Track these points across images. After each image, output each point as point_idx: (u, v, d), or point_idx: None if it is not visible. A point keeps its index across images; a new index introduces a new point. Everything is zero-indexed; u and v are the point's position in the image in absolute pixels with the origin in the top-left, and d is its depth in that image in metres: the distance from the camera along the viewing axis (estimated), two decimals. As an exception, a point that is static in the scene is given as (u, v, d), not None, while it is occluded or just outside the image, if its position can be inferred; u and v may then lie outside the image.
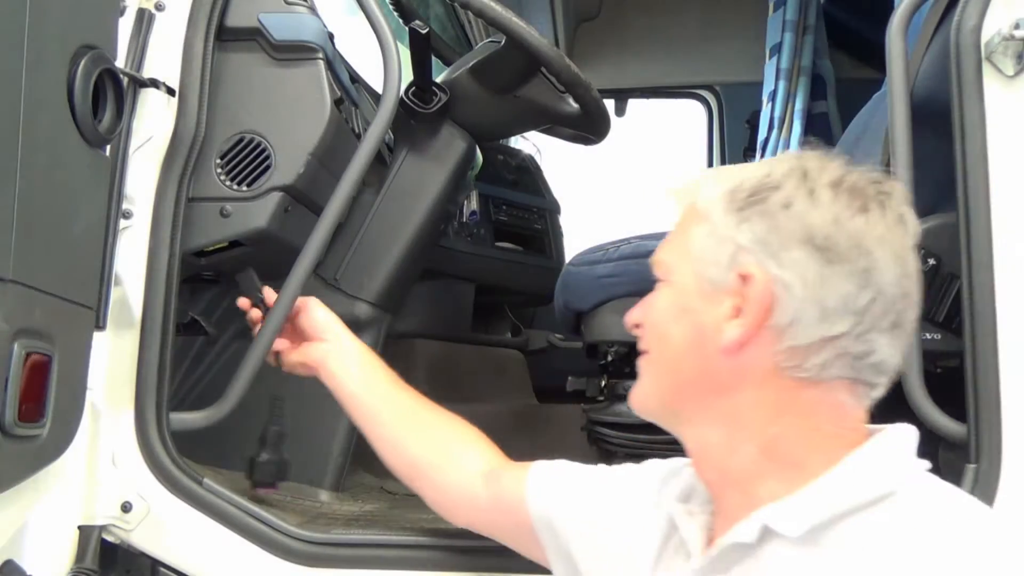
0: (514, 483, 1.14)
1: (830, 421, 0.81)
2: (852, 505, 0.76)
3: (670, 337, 0.85)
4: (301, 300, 1.37)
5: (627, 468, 1.08)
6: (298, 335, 1.37)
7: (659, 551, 0.92)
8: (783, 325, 0.79)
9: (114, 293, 1.28)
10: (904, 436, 0.83)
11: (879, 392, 0.84)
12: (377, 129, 1.42)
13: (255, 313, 1.40)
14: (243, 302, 1.40)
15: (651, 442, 1.64)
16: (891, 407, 1.42)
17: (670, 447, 1.64)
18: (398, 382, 1.32)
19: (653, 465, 1.04)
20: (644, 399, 0.89)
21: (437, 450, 1.25)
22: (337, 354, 1.32)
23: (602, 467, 1.11)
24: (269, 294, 1.40)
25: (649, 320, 0.89)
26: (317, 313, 1.36)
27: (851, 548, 0.74)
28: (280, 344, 1.37)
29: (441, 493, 1.23)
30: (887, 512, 0.75)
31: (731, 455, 0.83)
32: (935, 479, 0.80)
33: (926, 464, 0.82)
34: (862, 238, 0.78)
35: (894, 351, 0.81)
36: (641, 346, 0.90)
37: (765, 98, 2.93)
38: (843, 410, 0.81)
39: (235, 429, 1.43)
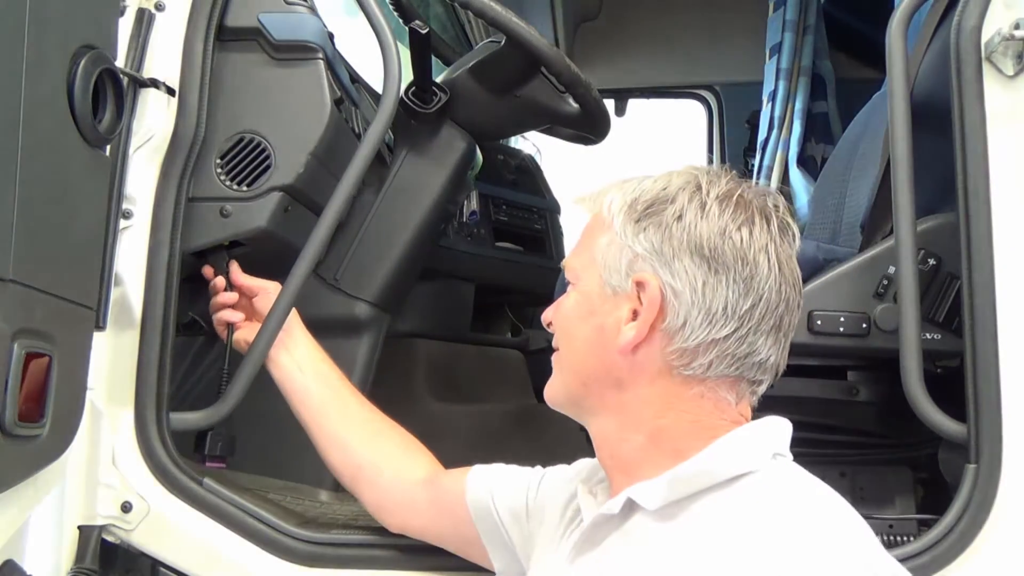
0: (453, 483, 1.23)
1: (712, 414, 0.89)
2: (707, 483, 0.84)
3: (576, 337, 0.94)
4: (262, 283, 1.42)
5: (560, 465, 1.17)
6: (254, 315, 1.42)
7: (565, 526, 1.02)
8: (674, 328, 0.87)
9: (114, 293, 1.28)
10: (773, 427, 0.90)
11: (763, 387, 0.92)
12: (377, 129, 1.42)
13: (224, 296, 1.41)
14: (217, 282, 1.42)
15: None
16: (892, 407, 1.42)
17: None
18: (346, 382, 1.37)
19: (582, 461, 1.12)
20: (554, 393, 0.98)
21: (381, 453, 1.30)
22: (288, 345, 1.36)
23: (538, 467, 1.20)
24: (236, 271, 1.43)
25: (559, 321, 0.97)
26: None
27: (700, 520, 0.82)
28: (233, 315, 1.41)
29: (381, 494, 1.29)
30: (738, 491, 0.83)
31: (623, 443, 0.92)
32: (795, 467, 0.87)
33: (788, 455, 0.89)
34: (746, 249, 0.87)
35: (775, 351, 0.90)
36: (553, 343, 0.98)
37: (765, 98, 2.93)
38: (724, 404, 0.89)
39: (238, 429, 1.43)
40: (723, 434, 0.88)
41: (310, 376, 1.35)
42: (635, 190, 0.92)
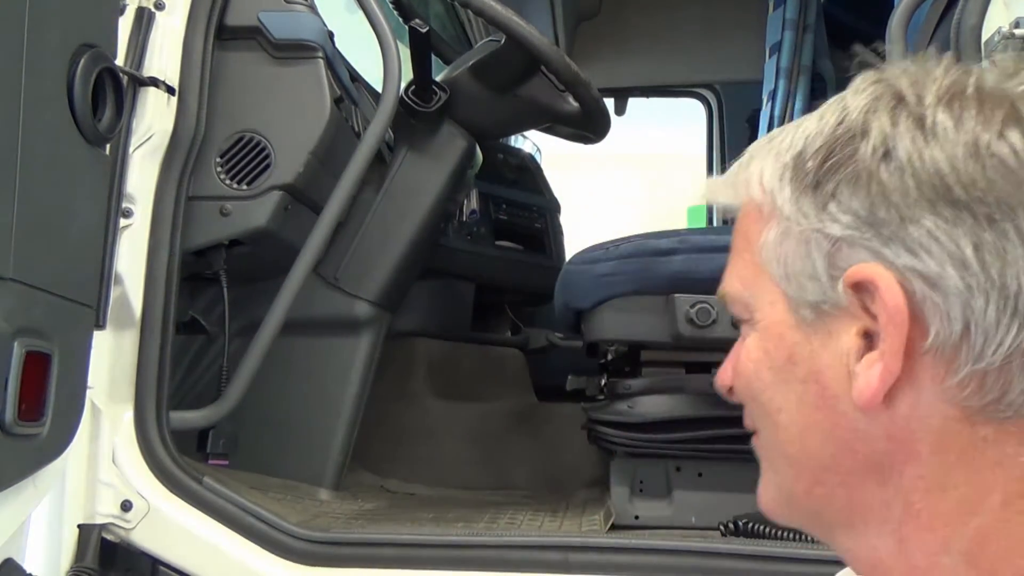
0: None
1: None
2: None
3: (777, 408, 0.55)
4: None
5: None
6: None
7: None
8: (949, 341, 0.48)
9: (114, 292, 1.28)
10: None
11: None
12: (377, 128, 1.42)
13: None
14: None
15: (651, 441, 1.63)
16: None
17: (669, 446, 1.64)
18: None
19: None
20: (770, 502, 0.59)
21: None
22: None
23: None
24: None
25: (742, 389, 0.58)
26: None
27: None
28: None
29: None
30: None
31: (922, 574, 0.51)
32: None
33: None
34: None
35: None
36: (746, 422, 0.61)
37: (765, 97, 2.93)
38: None
39: (238, 428, 1.43)
40: None
41: None
42: (794, 143, 0.55)
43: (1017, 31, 1.23)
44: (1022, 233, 0.48)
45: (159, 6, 1.34)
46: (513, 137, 2.88)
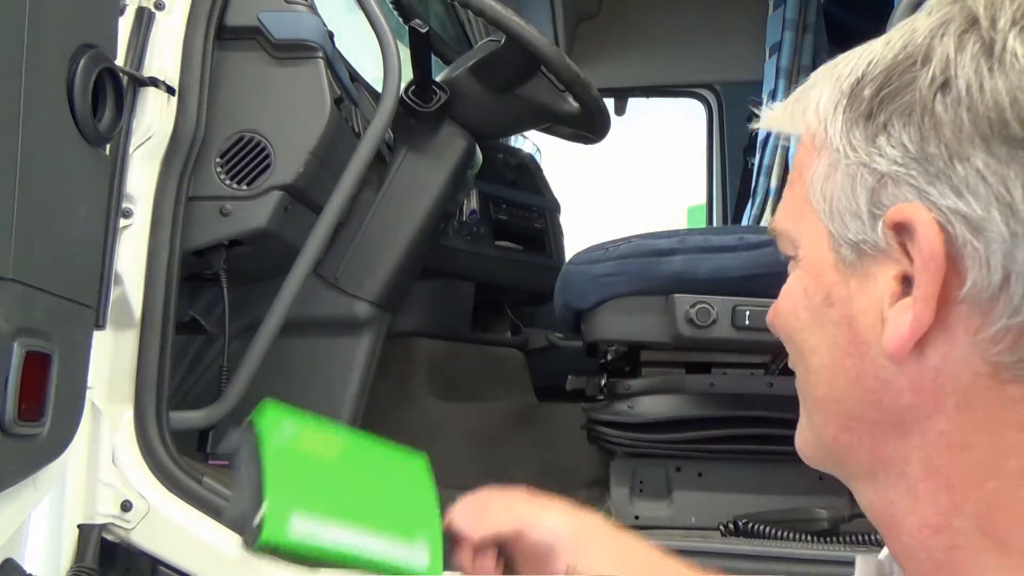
0: None
1: None
2: None
3: (811, 350, 0.53)
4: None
5: None
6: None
7: None
8: (987, 290, 0.45)
9: (114, 292, 1.28)
10: None
11: None
12: (377, 128, 1.42)
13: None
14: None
15: (651, 442, 1.64)
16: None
17: (669, 447, 1.64)
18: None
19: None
20: (802, 443, 0.58)
21: None
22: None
23: None
24: None
25: (781, 326, 0.56)
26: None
27: None
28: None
29: None
30: None
31: (933, 536, 0.49)
32: None
33: None
34: None
35: None
36: (789, 362, 0.58)
37: (765, 97, 2.93)
38: None
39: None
40: None
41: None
42: (855, 69, 0.51)
43: (1017, 31, 1.23)
44: None
45: (159, 6, 1.34)
46: (513, 137, 2.89)
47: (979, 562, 0.47)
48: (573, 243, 2.44)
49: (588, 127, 1.91)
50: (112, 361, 1.31)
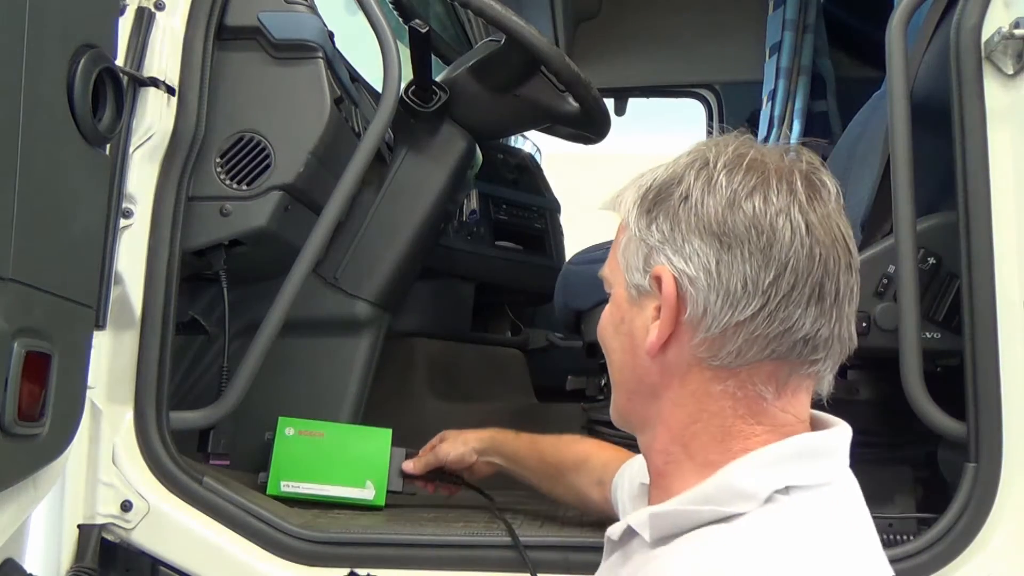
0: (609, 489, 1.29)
1: (744, 419, 0.80)
2: (687, 524, 0.76)
3: (614, 350, 0.87)
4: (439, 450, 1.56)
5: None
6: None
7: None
8: (696, 318, 0.78)
9: (114, 292, 1.28)
10: (800, 448, 0.79)
11: (826, 366, 0.81)
12: (377, 128, 1.42)
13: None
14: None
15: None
16: (892, 406, 1.42)
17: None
18: (539, 448, 1.50)
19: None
20: (612, 411, 0.91)
21: (575, 481, 1.41)
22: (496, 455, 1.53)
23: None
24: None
25: (600, 337, 0.90)
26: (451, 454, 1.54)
27: (675, 562, 0.74)
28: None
29: (580, 499, 1.41)
30: (723, 533, 0.74)
31: (662, 457, 0.84)
32: (792, 513, 0.76)
33: (818, 481, 0.78)
34: (760, 216, 0.77)
35: (824, 322, 0.78)
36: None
37: (765, 97, 2.93)
38: (760, 405, 0.80)
39: (239, 428, 1.43)
40: (754, 448, 0.78)
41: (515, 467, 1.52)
42: (647, 181, 0.85)
43: (1017, 31, 1.23)
44: (745, 257, 0.77)
45: (159, 6, 1.34)
46: (513, 137, 2.88)
47: (680, 468, 0.82)
48: (573, 243, 2.44)
49: (588, 127, 1.91)
50: (112, 361, 1.31)
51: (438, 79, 1.79)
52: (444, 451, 1.53)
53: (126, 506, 1.31)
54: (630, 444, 1.73)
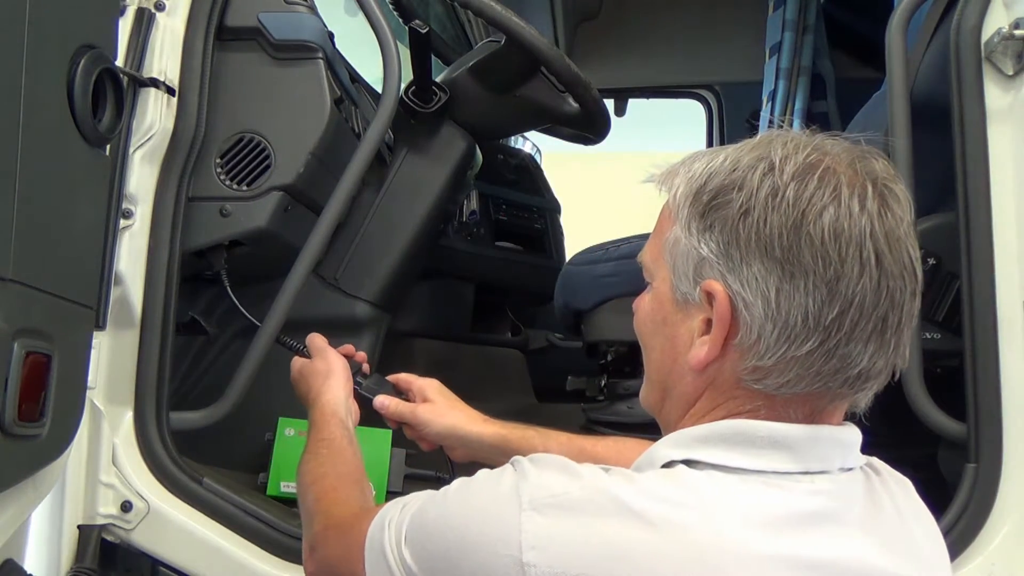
0: None
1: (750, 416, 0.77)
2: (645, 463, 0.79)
3: (653, 347, 0.84)
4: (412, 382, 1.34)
5: None
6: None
7: None
8: (747, 344, 0.74)
9: (114, 292, 1.28)
10: (741, 428, 0.76)
11: (864, 396, 0.79)
12: (377, 128, 1.42)
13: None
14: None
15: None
16: (892, 407, 1.42)
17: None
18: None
19: None
20: (643, 398, 0.88)
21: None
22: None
23: None
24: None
25: (637, 324, 0.86)
26: None
27: None
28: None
29: None
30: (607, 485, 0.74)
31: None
32: (658, 479, 0.75)
33: (750, 462, 0.75)
34: (829, 244, 0.71)
35: (881, 355, 0.75)
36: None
37: (765, 98, 2.93)
38: (783, 420, 0.77)
39: (239, 428, 1.43)
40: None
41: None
42: (702, 174, 0.78)
43: (1017, 31, 1.23)
44: (808, 289, 0.72)
45: (159, 6, 1.34)
46: (513, 137, 2.89)
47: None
48: (573, 243, 2.44)
49: (588, 128, 1.91)
50: (112, 361, 1.31)
51: (438, 79, 1.79)
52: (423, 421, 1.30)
53: (126, 507, 1.31)
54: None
